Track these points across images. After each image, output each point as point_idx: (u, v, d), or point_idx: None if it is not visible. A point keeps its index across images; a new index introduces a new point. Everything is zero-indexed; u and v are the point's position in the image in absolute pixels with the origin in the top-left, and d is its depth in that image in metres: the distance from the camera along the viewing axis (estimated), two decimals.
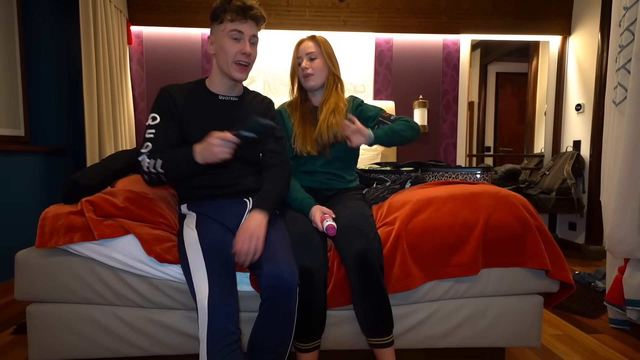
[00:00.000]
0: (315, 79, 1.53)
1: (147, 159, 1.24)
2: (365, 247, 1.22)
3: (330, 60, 1.56)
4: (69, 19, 2.81)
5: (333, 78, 1.57)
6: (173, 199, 1.53)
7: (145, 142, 1.27)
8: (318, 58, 1.53)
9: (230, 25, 1.29)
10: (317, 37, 1.56)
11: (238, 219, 1.33)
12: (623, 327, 1.84)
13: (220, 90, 1.39)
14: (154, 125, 1.29)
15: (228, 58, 1.30)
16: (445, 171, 1.91)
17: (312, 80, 1.53)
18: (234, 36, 1.30)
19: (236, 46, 1.30)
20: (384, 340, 1.25)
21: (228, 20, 1.28)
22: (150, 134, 1.28)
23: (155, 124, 1.29)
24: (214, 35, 1.34)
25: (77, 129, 2.92)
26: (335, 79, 1.58)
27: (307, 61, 1.53)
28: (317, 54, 1.53)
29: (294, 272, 1.13)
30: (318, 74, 1.53)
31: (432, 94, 3.37)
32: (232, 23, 1.28)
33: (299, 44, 1.57)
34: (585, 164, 3.21)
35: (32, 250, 1.28)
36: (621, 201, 1.71)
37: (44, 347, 1.29)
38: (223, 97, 1.39)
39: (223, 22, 1.29)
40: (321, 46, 1.54)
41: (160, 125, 1.29)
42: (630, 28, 1.71)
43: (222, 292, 1.08)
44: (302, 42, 1.57)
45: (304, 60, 1.54)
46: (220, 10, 1.29)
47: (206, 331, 1.04)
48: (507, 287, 1.38)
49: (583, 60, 3.26)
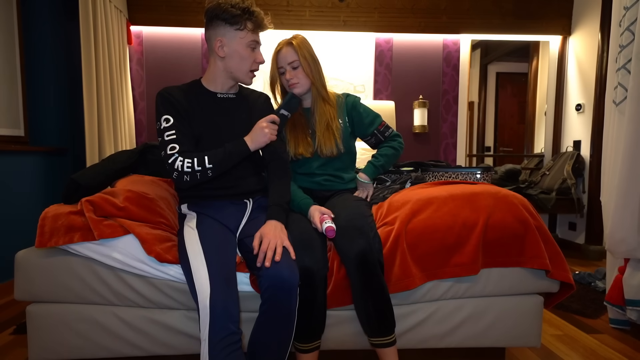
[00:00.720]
0: (302, 86, 1.52)
1: (180, 159, 1.23)
2: (366, 247, 1.22)
3: (309, 66, 1.50)
4: (69, 19, 2.81)
5: (315, 89, 1.53)
6: (173, 199, 1.53)
7: (167, 144, 1.25)
8: (300, 66, 1.50)
9: (250, 36, 1.33)
10: (294, 43, 1.50)
11: (238, 220, 1.34)
12: (623, 327, 1.84)
13: (220, 89, 1.40)
14: (171, 126, 1.27)
15: (245, 66, 1.35)
16: (445, 171, 1.91)
17: (299, 87, 1.52)
18: (253, 46, 1.35)
19: (253, 55, 1.35)
20: (386, 339, 1.25)
21: (249, 29, 1.32)
22: (170, 135, 1.26)
23: (172, 124, 1.28)
24: (227, 39, 1.32)
25: (77, 129, 2.92)
26: (318, 89, 1.53)
27: (290, 71, 1.51)
28: (298, 62, 1.50)
29: (295, 272, 1.13)
30: (303, 81, 1.52)
31: (432, 94, 3.37)
32: (252, 33, 1.33)
33: (277, 52, 1.53)
34: (585, 164, 3.21)
35: (32, 250, 1.28)
36: (621, 201, 1.71)
37: (44, 347, 1.29)
38: (222, 95, 1.40)
39: (243, 30, 1.31)
40: (299, 52, 1.49)
41: (177, 125, 1.28)
42: (630, 28, 1.71)
43: (223, 292, 1.08)
44: (281, 49, 1.52)
45: (287, 70, 1.51)
46: (241, 18, 1.30)
47: (208, 331, 1.04)
48: (507, 287, 1.38)
49: (583, 60, 3.26)
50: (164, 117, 1.28)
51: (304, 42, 1.52)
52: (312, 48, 1.54)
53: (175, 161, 1.23)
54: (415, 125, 3.30)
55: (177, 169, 1.23)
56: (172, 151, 1.24)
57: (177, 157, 1.23)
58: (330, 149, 1.50)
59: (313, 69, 1.52)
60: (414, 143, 3.39)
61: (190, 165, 1.22)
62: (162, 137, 1.27)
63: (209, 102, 1.37)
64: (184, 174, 1.23)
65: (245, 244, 1.27)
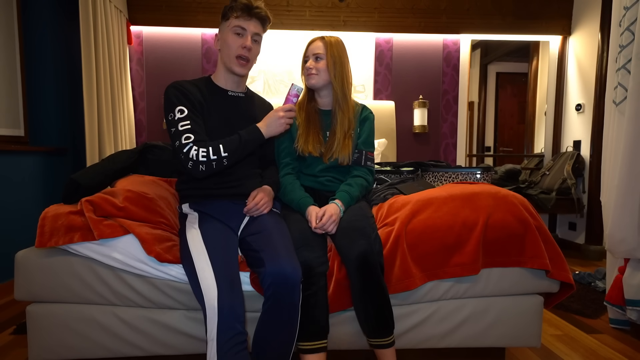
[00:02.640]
0: (316, 78, 1.50)
1: (194, 148, 1.22)
2: (367, 248, 1.22)
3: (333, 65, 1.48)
4: (69, 19, 2.81)
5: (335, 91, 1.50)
6: (173, 199, 1.53)
7: (182, 134, 1.24)
8: (323, 59, 1.50)
9: (234, 22, 1.35)
10: (326, 39, 1.51)
11: (240, 219, 1.35)
12: (623, 327, 1.84)
13: (228, 87, 1.43)
14: (186, 117, 1.27)
15: (230, 52, 1.36)
16: (445, 171, 1.91)
17: (313, 78, 1.50)
18: (237, 31, 1.35)
19: (238, 41, 1.35)
20: (384, 340, 1.25)
21: (234, 17, 1.34)
22: (185, 125, 1.25)
23: (186, 114, 1.27)
24: (220, 32, 1.40)
25: (77, 129, 2.92)
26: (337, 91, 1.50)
27: (312, 61, 1.51)
28: (323, 55, 1.50)
29: (297, 268, 1.14)
30: (322, 74, 1.50)
31: (432, 94, 3.37)
32: (236, 19, 1.34)
33: (308, 44, 1.55)
34: (585, 164, 3.20)
35: (32, 250, 1.28)
36: (621, 201, 1.71)
37: (44, 347, 1.29)
38: (232, 93, 1.43)
39: (229, 19, 1.36)
40: (327, 48, 1.50)
41: (191, 115, 1.28)
42: (630, 28, 1.71)
43: (230, 292, 1.08)
44: (312, 42, 1.54)
45: (310, 59, 1.52)
46: (227, 9, 1.36)
47: (216, 331, 1.04)
48: (507, 287, 1.38)
49: (583, 60, 3.26)
50: (178, 108, 1.28)
51: (338, 43, 1.52)
52: (345, 52, 1.53)
53: (190, 150, 1.22)
54: (415, 125, 3.30)
55: (192, 158, 1.22)
56: (186, 140, 1.23)
57: (192, 147, 1.22)
58: (344, 157, 1.49)
59: (337, 69, 1.49)
60: (414, 143, 3.39)
61: (206, 155, 1.22)
62: (176, 128, 1.25)
63: (220, 99, 1.39)
64: (199, 163, 1.23)
65: (247, 242, 1.27)
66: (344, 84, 1.52)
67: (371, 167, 1.56)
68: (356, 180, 1.50)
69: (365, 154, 1.54)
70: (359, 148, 1.54)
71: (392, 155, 3.09)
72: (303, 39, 3.22)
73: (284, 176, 1.51)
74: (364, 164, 1.54)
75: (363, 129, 1.57)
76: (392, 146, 3.08)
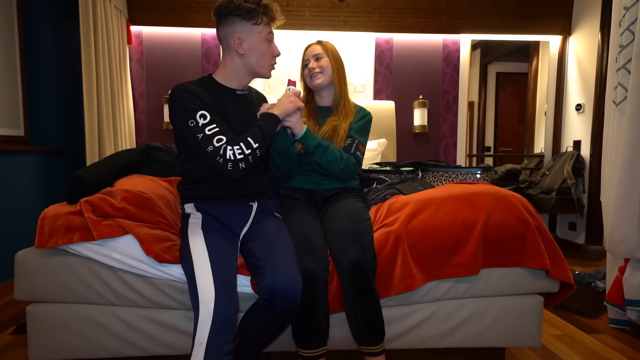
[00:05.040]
0: (322, 77, 1.56)
1: (229, 148, 1.21)
2: (360, 255, 1.21)
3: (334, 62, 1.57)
4: (69, 19, 2.81)
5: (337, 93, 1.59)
6: (173, 197, 1.52)
7: (213, 138, 1.21)
8: (324, 57, 1.57)
9: (267, 29, 1.34)
10: (323, 42, 1.60)
11: (242, 223, 1.34)
12: (623, 327, 1.84)
13: (237, 85, 1.40)
14: (210, 121, 1.24)
15: (264, 59, 1.36)
16: (445, 171, 1.91)
17: (319, 77, 1.55)
18: (269, 39, 1.36)
19: (271, 49, 1.37)
20: (374, 348, 1.25)
21: (265, 23, 1.33)
22: (213, 129, 1.23)
23: (210, 119, 1.24)
24: (245, 35, 1.31)
25: (77, 129, 2.92)
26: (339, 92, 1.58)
27: (313, 61, 1.58)
28: (323, 55, 1.57)
29: (296, 280, 1.14)
30: (327, 70, 1.56)
31: (432, 94, 3.37)
32: (268, 26, 1.34)
33: (305, 49, 1.63)
34: (585, 164, 3.20)
35: (32, 250, 1.28)
36: (621, 201, 1.71)
37: (44, 347, 1.29)
38: (240, 92, 1.42)
39: (260, 25, 1.31)
40: (325, 49, 1.58)
41: (214, 118, 1.26)
42: (630, 28, 1.71)
43: (227, 300, 1.08)
44: (309, 46, 1.62)
45: (311, 61, 1.58)
46: (256, 12, 1.29)
47: (207, 335, 1.04)
48: (507, 287, 1.38)
49: (583, 60, 3.26)
50: (200, 113, 1.23)
51: (333, 47, 1.62)
52: (340, 57, 1.61)
53: (227, 152, 1.21)
54: (415, 125, 3.30)
55: (230, 158, 1.21)
56: (219, 143, 1.21)
57: (227, 147, 1.21)
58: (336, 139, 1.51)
59: (338, 67, 1.58)
60: (414, 143, 3.39)
61: (241, 151, 1.22)
62: (203, 133, 1.22)
63: (228, 99, 1.37)
64: (238, 162, 1.22)
65: (249, 247, 1.27)
66: (342, 84, 1.60)
67: (359, 157, 1.55)
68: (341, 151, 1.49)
69: (357, 143, 1.54)
70: (351, 136, 1.55)
71: (392, 155, 3.09)
72: (303, 39, 3.23)
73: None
74: (353, 152, 1.53)
75: (359, 121, 1.59)
76: (392, 146, 3.07)
